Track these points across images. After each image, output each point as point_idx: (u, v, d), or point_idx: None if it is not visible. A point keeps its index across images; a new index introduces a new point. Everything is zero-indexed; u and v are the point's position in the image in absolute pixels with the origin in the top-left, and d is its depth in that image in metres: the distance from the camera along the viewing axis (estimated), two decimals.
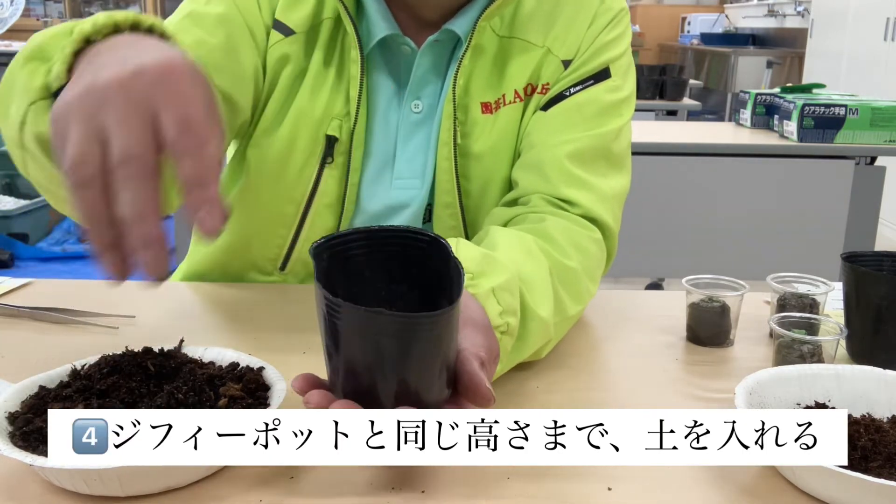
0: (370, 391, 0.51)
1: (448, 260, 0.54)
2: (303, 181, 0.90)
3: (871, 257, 0.79)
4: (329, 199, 0.91)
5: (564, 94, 0.89)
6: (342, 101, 0.88)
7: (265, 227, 0.93)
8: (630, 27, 0.95)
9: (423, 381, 0.51)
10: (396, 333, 0.49)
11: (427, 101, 0.91)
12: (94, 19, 0.60)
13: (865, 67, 4.96)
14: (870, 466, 0.54)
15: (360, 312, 0.49)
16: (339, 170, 0.90)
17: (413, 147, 0.92)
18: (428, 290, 0.57)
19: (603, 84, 0.90)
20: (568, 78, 0.90)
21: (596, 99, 0.89)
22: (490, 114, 0.90)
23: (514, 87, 0.90)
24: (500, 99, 0.90)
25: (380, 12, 0.87)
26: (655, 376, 0.74)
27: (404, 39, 0.88)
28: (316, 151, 0.89)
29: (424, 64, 0.89)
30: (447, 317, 0.51)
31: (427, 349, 0.51)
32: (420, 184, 0.93)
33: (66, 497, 0.52)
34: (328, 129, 0.88)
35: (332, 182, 0.90)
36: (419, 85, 0.90)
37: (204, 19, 0.84)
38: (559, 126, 0.88)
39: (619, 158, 0.90)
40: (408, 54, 0.89)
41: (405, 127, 0.91)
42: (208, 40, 0.83)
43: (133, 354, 0.60)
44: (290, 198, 0.91)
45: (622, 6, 0.94)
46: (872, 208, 2.37)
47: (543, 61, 0.90)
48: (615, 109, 0.90)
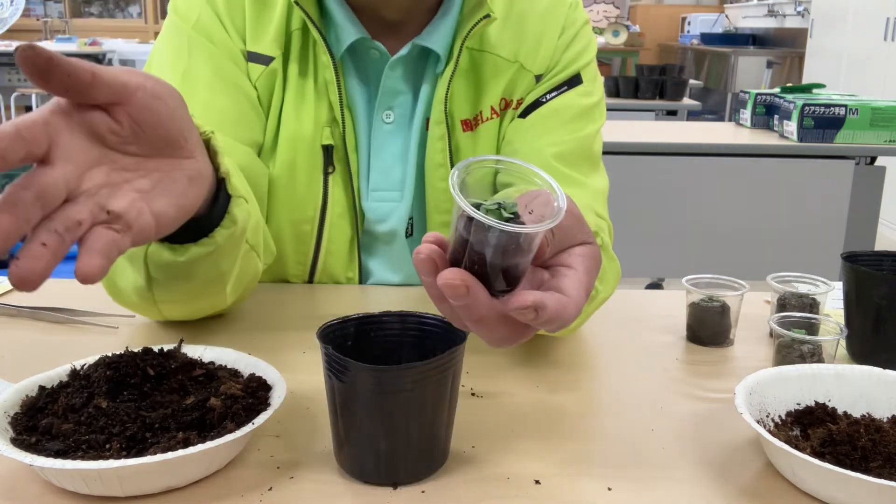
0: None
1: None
2: (311, 196, 0.90)
3: (871, 257, 0.79)
4: (341, 209, 0.91)
5: (541, 100, 0.91)
6: (326, 107, 0.89)
7: (286, 247, 0.93)
8: (594, 38, 0.98)
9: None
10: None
11: (399, 112, 0.92)
12: None
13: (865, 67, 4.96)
14: (870, 466, 0.54)
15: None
16: (342, 176, 0.91)
17: (388, 159, 0.93)
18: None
19: (575, 90, 0.92)
20: (541, 87, 0.92)
21: (571, 104, 0.91)
22: (471, 131, 0.92)
23: (489, 104, 0.91)
24: (479, 116, 0.92)
25: (346, 17, 0.87)
26: (655, 376, 0.74)
27: (373, 44, 0.89)
28: (317, 165, 0.90)
29: (394, 75, 0.90)
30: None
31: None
32: (399, 196, 0.94)
33: (66, 497, 0.52)
34: (322, 139, 0.89)
35: (339, 190, 0.91)
36: (390, 95, 0.91)
37: (199, 80, 0.85)
38: (540, 131, 0.90)
39: (597, 160, 0.93)
40: (377, 59, 0.90)
41: (377, 137, 0.92)
42: (214, 103, 0.84)
43: (133, 354, 0.60)
44: (304, 217, 0.91)
45: (585, 18, 0.96)
46: (872, 208, 2.37)
47: (517, 77, 0.92)
48: (589, 113, 0.92)
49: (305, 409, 0.64)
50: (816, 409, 0.62)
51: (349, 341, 0.58)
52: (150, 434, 0.53)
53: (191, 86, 0.84)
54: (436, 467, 0.56)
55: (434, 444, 0.55)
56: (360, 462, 0.54)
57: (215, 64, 0.86)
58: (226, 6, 0.87)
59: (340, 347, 0.56)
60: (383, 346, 0.59)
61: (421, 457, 0.54)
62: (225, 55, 0.86)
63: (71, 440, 0.52)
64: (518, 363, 0.75)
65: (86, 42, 6.59)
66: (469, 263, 0.46)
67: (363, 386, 0.51)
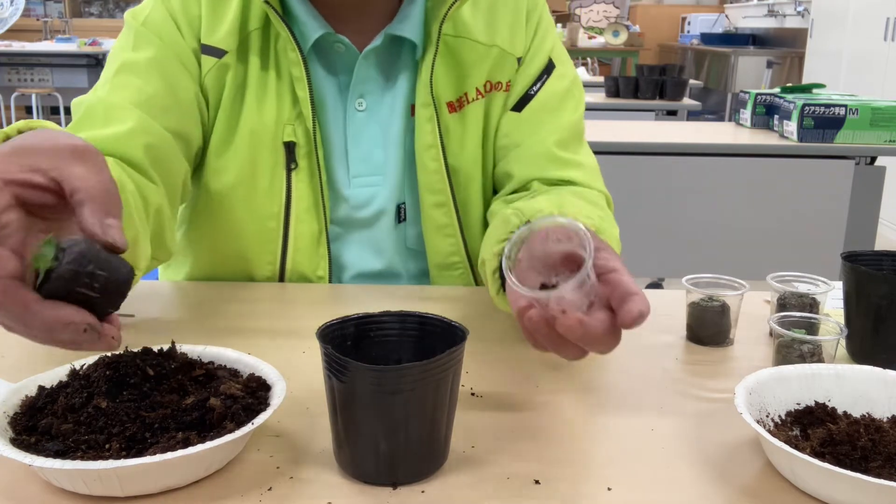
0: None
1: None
2: (274, 193, 0.91)
3: (871, 257, 0.79)
4: (306, 204, 0.92)
5: (530, 93, 0.97)
6: (289, 104, 0.90)
7: (252, 246, 0.94)
8: (551, 18, 1.03)
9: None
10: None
11: (371, 99, 0.94)
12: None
13: (865, 67, 4.96)
14: (870, 466, 0.54)
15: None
16: (307, 172, 0.91)
17: (365, 145, 0.94)
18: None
19: (552, 76, 0.98)
20: (524, 75, 0.97)
21: (554, 90, 0.98)
22: (456, 112, 0.95)
23: (475, 86, 0.95)
24: (463, 97, 0.95)
25: (308, 13, 0.89)
26: (655, 376, 0.74)
27: (337, 37, 0.90)
28: (279, 161, 0.90)
29: (367, 64, 0.92)
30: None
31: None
32: (381, 181, 0.95)
33: (66, 497, 0.52)
34: (284, 136, 0.90)
35: (304, 186, 0.91)
36: (361, 83, 0.93)
37: (136, 67, 0.86)
38: (538, 122, 0.96)
39: (583, 134, 1.01)
40: (342, 52, 0.91)
41: (352, 125, 0.94)
42: (145, 87, 0.85)
43: (132, 354, 0.60)
44: (268, 213, 0.92)
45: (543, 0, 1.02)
46: (872, 208, 2.37)
47: (500, 60, 0.95)
48: (570, 94, 0.99)
49: (305, 409, 0.64)
50: (816, 409, 0.62)
51: (349, 341, 0.58)
52: (150, 434, 0.53)
53: (126, 72, 0.86)
54: (436, 467, 0.56)
55: (434, 444, 0.55)
56: (360, 462, 0.54)
57: (157, 56, 0.87)
58: (180, 3, 0.88)
59: (340, 347, 0.56)
60: (383, 346, 0.59)
61: (421, 457, 0.54)
62: (171, 52, 0.88)
63: (70, 440, 0.52)
64: (518, 363, 0.75)
65: (86, 42, 6.59)
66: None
67: (363, 386, 0.51)
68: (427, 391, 0.52)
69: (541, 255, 0.61)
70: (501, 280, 0.74)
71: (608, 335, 0.55)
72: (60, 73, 6.45)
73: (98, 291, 0.50)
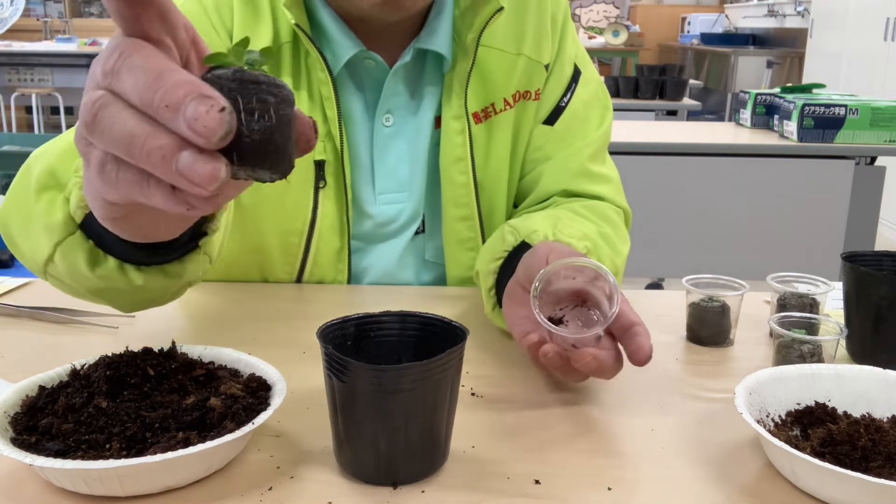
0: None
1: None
2: (301, 210, 0.90)
3: (871, 257, 0.79)
4: (330, 221, 0.91)
5: (561, 105, 0.96)
6: (319, 122, 0.88)
7: (271, 259, 0.93)
8: (573, 23, 1.02)
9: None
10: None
11: (398, 114, 0.92)
12: None
13: (865, 67, 4.97)
14: (870, 466, 0.54)
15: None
16: (334, 190, 0.90)
17: (391, 161, 0.93)
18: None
19: (580, 82, 0.98)
20: (554, 85, 0.96)
21: (581, 99, 0.97)
22: (481, 123, 0.93)
23: (502, 97, 0.93)
24: (490, 108, 0.93)
25: (341, 31, 0.86)
26: (655, 376, 0.74)
27: (369, 54, 0.88)
28: (308, 179, 0.89)
29: (395, 80, 0.90)
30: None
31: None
32: (407, 197, 0.94)
33: (66, 497, 0.52)
34: (315, 154, 0.88)
35: (330, 204, 0.91)
36: (389, 98, 0.91)
37: None
38: (570, 136, 0.96)
39: (608, 144, 1.01)
40: (372, 68, 0.90)
41: (379, 141, 0.92)
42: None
43: (133, 354, 0.60)
44: (292, 229, 0.91)
45: (566, 3, 1.00)
46: (872, 208, 2.37)
47: (529, 69, 0.94)
48: (596, 99, 0.99)
49: (305, 409, 0.64)
50: (816, 409, 0.62)
51: (349, 341, 0.58)
52: (150, 434, 0.53)
53: None
54: (436, 467, 0.56)
55: (434, 444, 0.55)
56: (360, 462, 0.54)
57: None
58: (214, 4, 0.86)
59: (340, 347, 0.56)
60: (383, 346, 0.59)
61: (421, 457, 0.54)
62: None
63: (71, 440, 0.52)
64: (518, 363, 0.75)
65: (86, 42, 6.59)
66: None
67: (363, 386, 0.51)
68: (427, 391, 0.52)
69: (551, 290, 0.66)
70: (497, 298, 0.78)
71: (616, 364, 0.62)
72: (60, 73, 6.46)
73: (260, 114, 0.39)
